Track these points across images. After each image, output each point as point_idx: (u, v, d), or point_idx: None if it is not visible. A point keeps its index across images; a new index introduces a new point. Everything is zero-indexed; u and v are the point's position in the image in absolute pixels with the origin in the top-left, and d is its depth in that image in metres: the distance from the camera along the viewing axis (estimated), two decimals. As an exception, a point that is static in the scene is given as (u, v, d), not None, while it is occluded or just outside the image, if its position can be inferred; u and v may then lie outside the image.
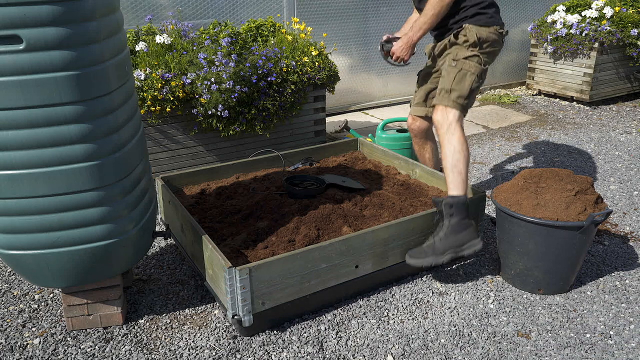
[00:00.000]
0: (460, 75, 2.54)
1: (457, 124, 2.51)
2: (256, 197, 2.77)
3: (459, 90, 2.52)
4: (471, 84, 2.54)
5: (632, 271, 2.66)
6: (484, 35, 2.56)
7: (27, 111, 1.67)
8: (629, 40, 5.45)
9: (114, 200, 1.93)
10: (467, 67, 2.55)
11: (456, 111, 2.52)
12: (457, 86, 2.53)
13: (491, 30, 2.58)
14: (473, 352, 2.12)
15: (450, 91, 2.53)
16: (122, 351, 2.13)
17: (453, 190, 2.45)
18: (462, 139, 2.48)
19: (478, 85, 2.58)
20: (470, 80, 2.54)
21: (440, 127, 2.52)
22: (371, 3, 5.37)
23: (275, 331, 2.23)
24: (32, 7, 1.57)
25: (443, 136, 2.50)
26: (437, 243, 2.38)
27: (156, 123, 3.48)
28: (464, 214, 2.42)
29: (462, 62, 2.56)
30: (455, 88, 2.52)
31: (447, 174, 2.48)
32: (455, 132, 2.48)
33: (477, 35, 2.55)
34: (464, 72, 2.54)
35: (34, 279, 2.01)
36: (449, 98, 2.52)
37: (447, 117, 2.51)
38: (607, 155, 4.23)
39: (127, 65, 2.01)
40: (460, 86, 2.53)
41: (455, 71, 2.56)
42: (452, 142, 2.47)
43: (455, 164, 2.45)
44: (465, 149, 2.47)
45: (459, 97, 2.52)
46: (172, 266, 2.72)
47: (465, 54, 2.56)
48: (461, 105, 2.53)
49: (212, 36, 3.68)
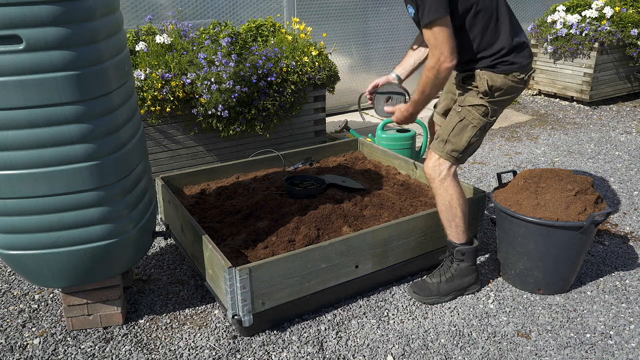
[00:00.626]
0: (461, 126, 2.30)
1: (450, 177, 2.33)
2: (256, 197, 2.77)
3: (454, 143, 2.31)
4: (470, 138, 2.30)
5: (632, 271, 2.66)
6: (498, 84, 2.25)
7: (27, 111, 1.67)
8: (629, 40, 5.45)
9: (114, 200, 1.93)
10: (470, 118, 2.29)
11: (449, 164, 2.33)
12: (454, 138, 2.31)
13: (509, 77, 2.25)
14: (473, 352, 2.12)
15: (446, 142, 2.32)
16: (122, 351, 2.13)
17: (456, 239, 2.40)
18: (457, 193, 2.33)
19: (479, 139, 2.34)
20: (470, 135, 2.30)
21: (432, 179, 2.36)
22: (371, 3, 5.37)
23: (275, 331, 2.22)
24: (32, 7, 1.57)
25: (436, 189, 2.36)
26: (443, 284, 2.41)
27: (156, 123, 3.48)
28: (473, 260, 2.43)
29: (466, 110, 2.30)
30: (452, 140, 2.31)
31: (445, 226, 2.39)
32: (449, 188, 2.32)
33: (489, 83, 2.25)
34: (465, 123, 2.30)
35: (34, 279, 2.01)
36: (443, 149, 2.32)
37: (439, 170, 2.33)
38: (607, 155, 4.23)
39: (127, 65, 2.01)
40: (457, 139, 2.30)
41: (456, 120, 2.32)
42: (445, 197, 2.33)
43: (452, 219, 2.35)
44: (461, 203, 2.33)
45: (454, 150, 2.31)
46: (172, 266, 2.72)
47: (472, 102, 2.30)
48: (455, 159, 2.33)
49: (212, 36, 3.68)
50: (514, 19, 2.29)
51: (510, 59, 2.23)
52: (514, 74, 2.26)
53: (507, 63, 2.24)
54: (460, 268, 2.40)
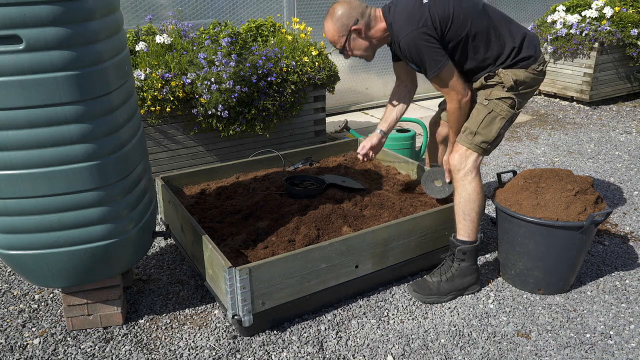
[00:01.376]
0: (490, 118, 2.34)
1: (475, 171, 2.35)
2: (256, 197, 2.77)
3: (484, 135, 2.34)
4: (499, 129, 2.35)
5: (632, 271, 2.66)
6: (522, 78, 2.34)
7: (27, 111, 1.67)
8: (629, 40, 5.45)
9: (114, 200, 1.93)
10: (499, 110, 2.34)
11: (477, 155, 2.35)
12: (483, 130, 2.34)
13: (529, 71, 2.35)
14: (473, 352, 2.12)
15: (475, 134, 2.34)
16: (122, 351, 2.13)
17: (463, 236, 2.38)
18: (478, 188, 2.34)
19: (505, 130, 2.40)
20: (499, 126, 2.35)
21: (457, 171, 2.36)
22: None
23: (275, 331, 2.22)
24: (32, 7, 1.57)
25: (458, 181, 2.36)
26: (444, 284, 2.40)
27: (156, 123, 3.48)
28: (474, 260, 2.43)
29: (494, 102, 2.34)
30: (481, 132, 2.34)
31: (458, 219, 2.37)
32: (472, 181, 2.33)
33: (514, 78, 2.32)
34: (494, 115, 2.34)
35: (34, 279, 2.01)
36: (471, 141, 2.34)
37: (465, 162, 2.34)
38: (607, 155, 4.23)
39: (127, 65, 2.01)
40: (487, 130, 2.34)
41: (485, 112, 2.35)
42: (467, 189, 2.33)
43: (469, 212, 2.34)
44: (480, 198, 2.34)
45: (483, 142, 2.34)
46: (172, 266, 2.72)
47: (499, 95, 2.34)
48: (483, 150, 2.36)
49: (212, 36, 3.68)
50: (507, 20, 2.38)
51: (523, 55, 2.33)
52: (532, 67, 2.35)
53: (524, 59, 2.33)
54: (461, 268, 2.40)
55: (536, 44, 2.38)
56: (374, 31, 2.37)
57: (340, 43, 2.37)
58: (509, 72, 2.33)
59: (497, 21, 2.33)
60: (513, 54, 2.33)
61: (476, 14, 2.28)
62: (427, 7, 2.23)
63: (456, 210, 2.39)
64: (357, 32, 2.35)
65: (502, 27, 2.33)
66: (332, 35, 2.37)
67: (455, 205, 2.39)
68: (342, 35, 2.35)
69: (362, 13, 2.34)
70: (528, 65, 2.34)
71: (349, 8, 2.33)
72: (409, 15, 2.24)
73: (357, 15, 2.33)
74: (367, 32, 2.36)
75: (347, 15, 2.32)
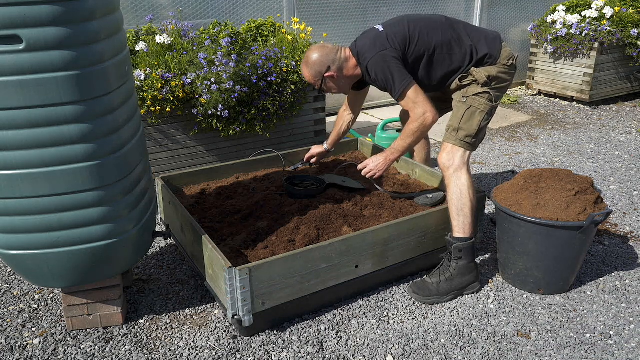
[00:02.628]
0: (470, 113, 2.45)
1: (464, 166, 2.42)
2: (256, 197, 2.77)
3: (467, 129, 2.43)
4: (480, 122, 2.44)
5: (632, 271, 2.66)
6: (494, 73, 2.47)
7: (27, 111, 1.67)
8: (629, 40, 5.45)
9: (114, 200, 1.93)
10: (477, 105, 2.45)
11: (464, 151, 2.43)
12: (465, 125, 2.44)
13: (499, 66, 2.49)
14: (473, 352, 2.12)
15: (458, 130, 2.44)
16: (122, 351, 2.13)
17: (459, 232, 2.40)
18: (468, 182, 2.40)
19: (487, 123, 2.49)
20: (480, 119, 2.44)
21: (446, 169, 2.43)
22: (371, 3, 5.37)
23: (275, 331, 2.23)
24: (32, 7, 1.57)
25: (449, 178, 2.42)
26: (443, 284, 2.41)
27: (156, 123, 3.48)
28: (472, 258, 2.43)
29: (472, 98, 2.46)
30: (463, 127, 2.44)
31: (453, 217, 2.41)
32: (461, 176, 2.40)
33: (486, 74, 2.45)
34: (473, 110, 2.45)
35: (34, 279, 2.01)
36: (456, 137, 2.44)
37: (453, 159, 2.42)
38: (607, 155, 4.23)
39: (127, 65, 2.01)
40: (469, 125, 2.44)
41: (464, 108, 2.46)
42: (458, 185, 2.39)
43: (462, 208, 2.38)
44: (471, 192, 2.39)
45: (467, 136, 2.43)
46: (172, 266, 2.72)
47: (476, 91, 2.47)
48: (469, 144, 2.44)
49: (212, 36, 3.68)
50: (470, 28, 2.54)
51: (485, 52, 2.48)
52: (500, 62, 2.49)
53: (487, 56, 2.48)
54: (459, 266, 2.40)
55: (491, 43, 2.50)
56: (346, 71, 2.57)
57: (317, 85, 2.60)
58: (481, 69, 2.48)
59: (459, 30, 2.51)
60: (474, 57, 2.48)
61: (433, 29, 2.47)
62: (384, 33, 2.46)
63: (450, 208, 2.43)
64: (330, 78, 2.57)
65: (462, 33, 2.50)
66: (308, 78, 2.61)
67: (449, 203, 2.43)
68: (318, 80, 2.58)
69: (333, 59, 2.53)
70: (495, 61, 2.49)
71: (321, 55, 2.53)
72: (371, 42, 2.46)
73: (329, 63, 2.53)
74: (340, 74, 2.57)
75: (320, 62, 2.53)
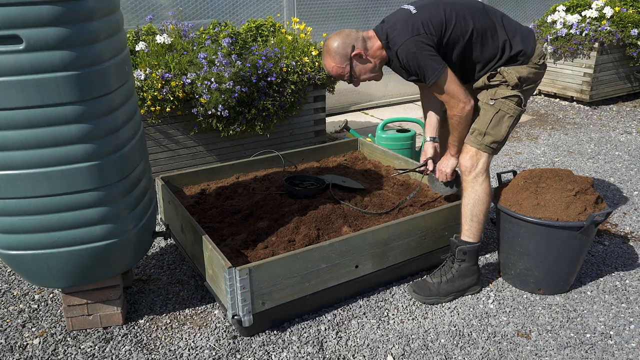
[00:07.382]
0: (498, 117, 2.33)
1: (486, 172, 2.35)
2: (256, 197, 2.77)
3: (494, 135, 2.33)
4: (508, 128, 2.34)
5: (632, 271, 2.66)
6: (525, 74, 2.32)
7: (27, 111, 1.67)
8: (629, 40, 5.45)
9: (114, 200, 1.93)
10: (506, 109, 2.33)
11: (488, 155, 2.35)
12: (492, 130, 2.33)
13: (530, 65, 2.33)
14: (473, 352, 2.12)
15: (485, 134, 2.33)
16: (122, 351, 2.13)
17: (468, 237, 2.38)
18: (487, 189, 2.35)
19: (513, 128, 2.39)
20: (508, 124, 2.34)
21: (468, 173, 2.36)
22: (371, 3, 5.37)
23: (275, 331, 2.22)
24: (32, 7, 1.57)
25: (468, 183, 2.36)
26: (444, 285, 2.40)
27: (156, 123, 3.48)
28: (475, 261, 2.43)
29: (500, 102, 2.33)
30: (490, 132, 2.33)
31: (465, 220, 2.37)
32: (483, 183, 2.34)
33: (518, 75, 2.31)
34: (501, 114, 2.33)
35: (34, 279, 2.01)
36: (481, 142, 2.34)
37: (476, 164, 2.34)
38: (607, 155, 4.23)
39: (127, 65, 2.01)
40: (496, 130, 2.33)
41: (492, 112, 2.33)
42: (477, 191, 2.34)
43: (477, 214, 2.34)
44: (489, 200, 2.36)
45: (494, 142, 2.34)
46: (172, 266, 2.72)
47: (505, 94, 2.33)
48: (493, 150, 2.36)
49: (212, 36, 3.68)
50: (506, 18, 2.37)
51: (520, 49, 2.31)
52: (532, 61, 2.33)
53: (520, 53, 2.31)
54: (461, 268, 2.40)
55: (525, 39, 2.34)
56: (372, 51, 2.35)
57: (346, 73, 2.34)
58: (511, 69, 2.31)
59: (495, 20, 2.33)
60: (506, 52, 2.32)
61: (470, 14, 2.28)
62: (418, 16, 2.25)
63: (463, 212, 2.38)
64: (358, 58, 2.33)
65: (498, 26, 2.33)
66: (335, 69, 2.34)
67: (463, 207, 2.38)
68: (345, 65, 2.33)
69: (355, 38, 2.32)
70: (527, 59, 2.32)
71: (343, 38, 2.32)
72: (402, 25, 2.25)
73: (353, 42, 2.31)
74: (367, 54, 2.34)
75: (343, 45, 2.30)
